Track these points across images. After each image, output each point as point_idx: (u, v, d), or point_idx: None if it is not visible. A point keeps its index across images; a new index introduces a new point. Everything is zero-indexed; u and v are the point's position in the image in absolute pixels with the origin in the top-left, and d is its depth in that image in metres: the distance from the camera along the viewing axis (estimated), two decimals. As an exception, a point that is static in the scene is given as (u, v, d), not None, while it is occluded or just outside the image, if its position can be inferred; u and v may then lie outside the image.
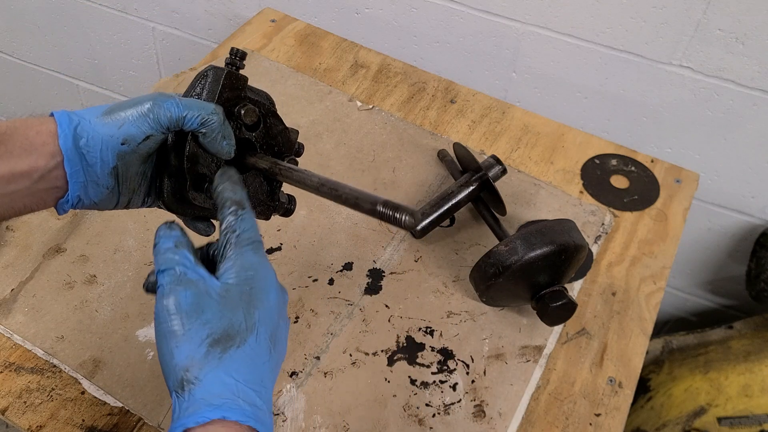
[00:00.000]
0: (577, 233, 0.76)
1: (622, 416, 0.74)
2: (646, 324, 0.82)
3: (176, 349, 0.44)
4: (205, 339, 0.44)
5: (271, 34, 1.17)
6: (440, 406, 0.73)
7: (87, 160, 0.50)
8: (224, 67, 0.56)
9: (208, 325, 0.44)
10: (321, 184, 0.53)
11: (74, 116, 0.50)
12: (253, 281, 0.47)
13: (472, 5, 1.11)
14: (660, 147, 1.13)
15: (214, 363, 0.43)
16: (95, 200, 0.52)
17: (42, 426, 0.69)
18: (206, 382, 0.43)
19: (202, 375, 0.43)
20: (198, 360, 0.43)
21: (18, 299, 0.78)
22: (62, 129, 0.49)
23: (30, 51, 1.68)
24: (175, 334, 0.44)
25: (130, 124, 0.50)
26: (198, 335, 0.44)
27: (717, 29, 0.97)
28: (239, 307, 0.45)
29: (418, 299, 0.82)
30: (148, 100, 0.51)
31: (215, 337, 0.44)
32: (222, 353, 0.44)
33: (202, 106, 0.52)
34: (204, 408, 0.42)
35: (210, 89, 0.55)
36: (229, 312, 0.45)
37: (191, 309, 0.44)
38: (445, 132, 1.02)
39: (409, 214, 0.47)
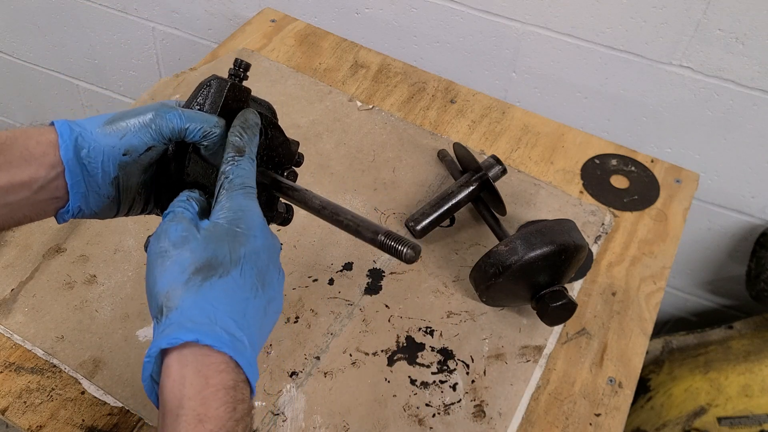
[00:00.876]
0: (577, 233, 0.77)
1: (622, 416, 0.74)
2: (646, 324, 0.82)
3: (159, 277, 0.44)
4: (187, 267, 0.44)
5: (271, 34, 1.17)
6: (440, 406, 0.73)
7: (88, 170, 0.50)
8: (227, 79, 0.56)
9: (192, 254, 0.45)
10: (322, 206, 0.54)
11: (75, 126, 0.50)
12: (240, 222, 0.47)
13: (472, 5, 1.11)
14: (660, 147, 1.13)
15: (194, 289, 0.43)
16: (96, 210, 0.53)
17: (42, 426, 0.69)
18: (183, 307, 0.43)
19: (180, 301, 0.43)
20: (178, 286, 0.43)
21: (18, 299, 0.78)
22: (63, 139, 0.49)
23: (30, 51, 1.68)
24: (162, 264, 0.45)
25: (132, 135, 0.50)
26: (181, 264, 0.44)
27: (717, 29, 0.97)
28: (224, 242, 0.46)
29: (418, 299, 0.82)
30: (150, 110, 0.51)
31: (197, 265, 0.44)
32: (203, 281, 0.44)
33: (205, 118, 0.52)
34: (178, 330, 0.41)
35: (213, 100, 0.54)
36: (213, 244, 0.46)
37: (178, 240, 0.46)
38: (445, 132, 1.02)
39: (410, 247, 0.47)
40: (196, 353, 0.41)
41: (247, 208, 0.48)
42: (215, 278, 0.44)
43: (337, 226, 0.53)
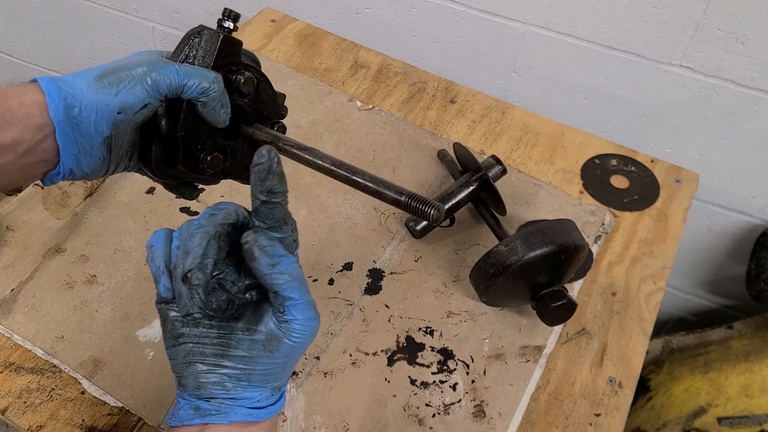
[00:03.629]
0: (577, 233, 0.77)
1: (622, 416, 0.74)
2: (646, 324, 0.82)
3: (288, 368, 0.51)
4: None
5: (271, 34, 1.17)
6: (440, 406, 0.73)
7: (80, 130, 0.47)
8: (218, 30, 0.53)
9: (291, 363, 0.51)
10: (336, 165, 0.51)
11: (63, 84, 0.46)
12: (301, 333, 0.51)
13: (472, 5, 1.11)
14: (660, 147, 1.13)
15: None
16: (87, 171, 0.50)
17: (42, 426, 0.69)
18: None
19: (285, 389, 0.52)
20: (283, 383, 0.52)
21: (18, 299, 0.78)
22: (51, 99, 0.46)
23: (30, 51, 1.68)
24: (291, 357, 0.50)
25: (127, 92, 0.47)
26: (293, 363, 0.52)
27: (717, 29, 0.97)
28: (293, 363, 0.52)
29: (418, 299, 0.82)
30: (143, 65, 0.48)
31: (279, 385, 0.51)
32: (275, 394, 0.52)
33: (203, 74, 0.50)
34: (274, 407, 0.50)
35: (205, 53, 0.52)
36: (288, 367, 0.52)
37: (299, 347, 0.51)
38: (445, 132, 1.02)
39: (435, 208, 0.47)
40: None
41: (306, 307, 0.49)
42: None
43: (354, 186, 0.50)
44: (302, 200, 0.91)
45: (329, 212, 0.89)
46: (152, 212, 0.88)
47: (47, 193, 0.89)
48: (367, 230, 0.88)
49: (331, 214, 0.89)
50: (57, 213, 0.87)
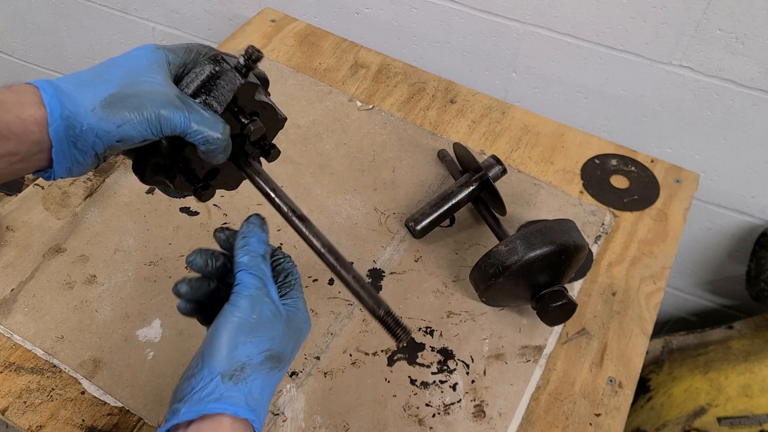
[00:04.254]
0: (577, 233, 0.76)
1: (622, 416, 0.74)
2: (646, 324, 0.82)
3: (242, 345, 0.49)
4: (265, 351, 0.50)
5: (271, 34, 1.17)
6: (440, 406, 0.73)
7: (77, 147, 0.47)
8: (238, 76, 0.53)
9: (272, 342, 0.50)
10: (326, 249, 0.54)
11: (66, 99, 0.46)
12: (303, 325, 0.54)
13: (472, 5, 1.11)
14: (660, 147, 1.13)
15: (263, 374, 0.50)
16: (76, 175, 0.51)
17: (42, 426, 0.69)
18: (252, 385, 0.49)
19: (252, 377, 0.49)
20: (254, 364, 0.49)
21: (18, 299, 0.78)
22: (53, 118, 0.46)
23: (30, 51, 1.68)
24: (248, 333, 0.49)
25: (130, 127, 0.48)
26: (262, 345, 0.50)
27: (717, 29, 0.97)
28: (292, 340, 0.52)
29: (418, 299, 0.82)
30: (154, 106, 0.48)
31: (272, 353, 0.50)
32: (270, 369, 0.50)
33: (211, 125, 0.50)
34: (242, 404, 0.48)
35: (219, 95, 0.52)
36: (287, 340, 0.52)
37: (267, 321, 0.50)
38: (445, 132, 1.02)
39: (405, 333, 0.51)
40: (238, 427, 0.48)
41: (306, 316, 0.55)
42: (277, 370, 0.51)
43: (337, 277, 0.53)
44: (302, 200, 0.91)
45: (329, 212, 0.89)
46: (152, 212, 0.88)
47: (47, 193, 0.89)
48: (367, 230, 0.88)
49: (331, 214, 0.89)
50: (57, 213, 0.87)
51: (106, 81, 0.48)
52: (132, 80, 0.49)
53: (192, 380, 0.48)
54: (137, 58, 0.51)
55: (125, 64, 0.50)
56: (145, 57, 0.51)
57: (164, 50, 0.52)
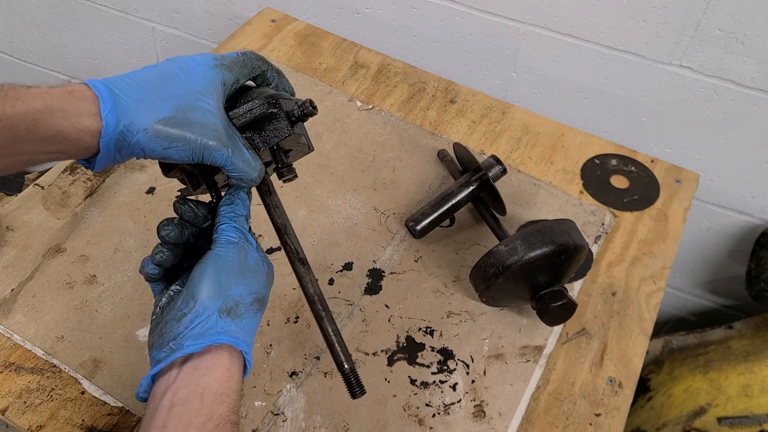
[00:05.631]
0: (577, 233, 0.77)
1: (622, 416, 0.74)
2: (646, 324, 0.82)
3: (235, 286, 0.52)
4: (253, 293, 0.54)
5: (271, 34, 1.17)
6: (440, 406, 0.73)
7: (121, 154, 0.50)
8: (287, 124, 0.55)
9: (259, 285, 0.54)
10: (317, 298, 0.57)
11: (122, 114, 0.48)
12: (270, 271, 0.57)
13: (472, 5, 1.11)
14: (660, 147, 1.13)
15: (252, 313, 0.54)
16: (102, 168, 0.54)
17: (42, 426, 0.69)
18: (244, 323, 0.53)
19: (245, 315, 0.53)
20: (246, 303, 0.53)
21: (18, 299, 0.78)
22: (107, 131, 0.48)
23: (30, 51, 1.68)
24: (238, 276, 0.53)
25: (175, 151, 0.50)
26: (251, 287, 0.53)
27: (717, 29, 0.97)
28: (269, 288, 0.57)
29: (418, 299, 0.82)
30: (203, 138, 0.50)
31: (257, 297, 0.54)
32: (257, 311, 0.54)
33: (249, 165, 0.54)
34: (240, 339, 0.52)
35: (265, 138, 0.55)
36: (267, 286, 0.56)
37: (254, 268, 0.54)
38: (445, 132, 1.02)
39: (361, 392, 0.56)
40: (239, 355, 0.53)
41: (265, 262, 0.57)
42: (260, 313, 0.55)
43: (319, 326, 0.57)
44: (302, 200, 0.91)
45: (329, 212, 0.89)
46: (152, 212, 0.88)
47: (47, 193, 0.89)
48: (367, 230, 0.88)
49: (331, 214, 0.89)
50: (57, 213, 0.87)
51: (164, 99, 0.50)
52: (188, 104, 0.51)
53: (184, 319, 0.50)
54: (196, 75, 0.52)
55: (185, 82, 0.51)
56: (203, 77, 0.52)
57: (221, 68, 0.54)
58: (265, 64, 0.58)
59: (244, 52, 0.57)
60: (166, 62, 0.53)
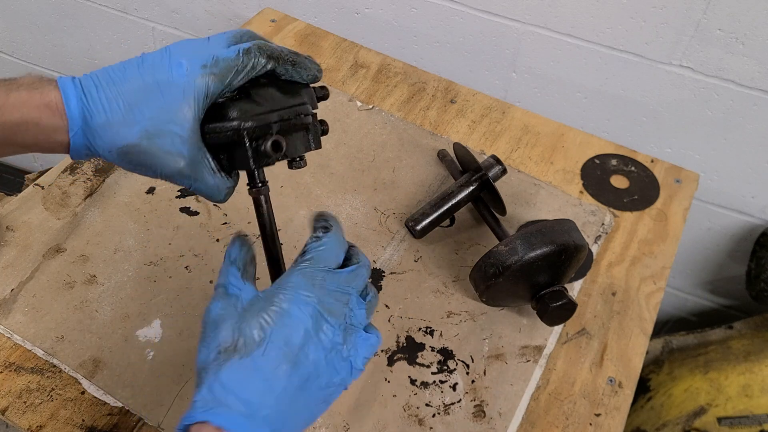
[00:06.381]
0: (577, 233, 0.77)
1: (622, 416, 0.74)
2: (646, 324, 0.82)
3: (199, 353, 0.47)
4: (216, 347, 0.46)
5: (271, 34, 1.17)
6: (440, 406, 0.73)
7: (94, 157, 0.50)
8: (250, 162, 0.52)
9: (222, 334, 0.46)
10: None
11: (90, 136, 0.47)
12: (282, 299, 0.47)
13: (472, 5, 1.11)
14: (660, 147, 1.13)
15: (216, 368, 0.45)
16: None
17: (42, 426, 0.69)
18: (206, 386, 0.44)
19: (206, 378, 0.45)
20: (207, 364, 0.45)
21: (18, 299, 0.78)
22: (75, 148, 0.48)
23: (30, 51, 1.68)
24: (202, 339, 0.47)
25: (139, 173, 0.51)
26: (213, 343, 0.46)
27: (717, 29, 0.97)
28: (255, 321, 0.46)
29: (418, 299, 0.82)
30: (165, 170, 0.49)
31: (224, 346, 0.45)
32: (224, 362, 0.45)
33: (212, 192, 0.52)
34: (198, 410, 0.43)
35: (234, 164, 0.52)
36: (245, 324, 0.46)
37: (216, 319, 0.47)
38: (445, 132, 1.02)
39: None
40: (210, 430, 0.42)
41: (296, 285, 0.47)
42: (236, 359, 0.45)
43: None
44: (302, 200, 0.91)
45: (329, 212, 0.89)
46: (152, 212, 0.88)
47: (47, 193, 0.89)
48: (367, 230, 0.88)
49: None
50: (57, 213, 0.87)
51: (132, 123, 0.47)
52: (156, 128, 0.48)
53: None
54: (176, 91, 0.47)
55: (161, 100, 0.47)
56: (184, 92, 0.47)
57: (209, 77, 0.48)
58: (273, 62, 0.51)
59: (247, 51, 0.49)
60: (151, 65, 0.48)
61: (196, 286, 0.81)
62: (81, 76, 0.49)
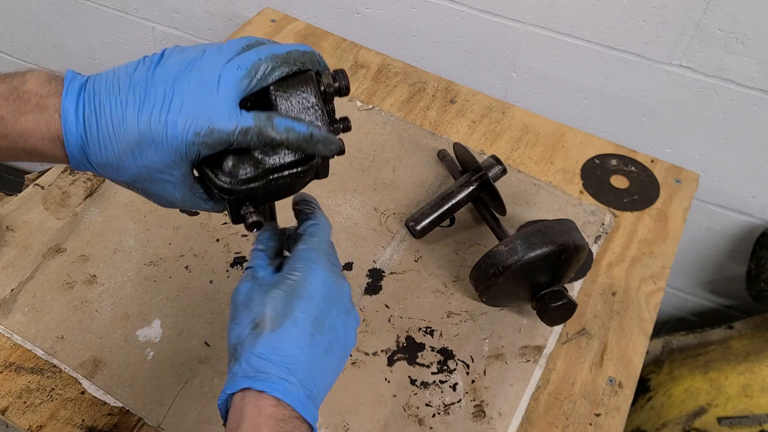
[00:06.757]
0: (577, 233, 0.76)
1: (622, 416, 0.74)
2: (646, 324, 0.82)
3: (231, 331, 0.50)
4: (249, 323, 0.50)
5: (271, 34, 1.17)
6: (440, 406, 0.73)
7: None
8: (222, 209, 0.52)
9: (251, 312, 0.50)
10: None
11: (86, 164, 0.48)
12: (302, 272, 0.51)
13: (472, 5, 1.11)
14: (660, 147, 1.13)
15: (251, 342, 0.49)
16: None
17: (42, 426, 0.69)
18: (244, 359, 0.48)
19: (243, 352, 0.49)
20: (242, 340, 0.49)
21: (18, 299, 0.78)
22: (71, 152, 0.48)
23: (30, 51, 1.68)
24: (234, 318, 0.51)
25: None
26: (246, 320, 0.50)
27: (717, 29, 0.97)
28: (281, 297, 0.50)
29: (418, 299, 0.82)
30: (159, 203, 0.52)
31: (256, 321, 0.49)
32: (258, 335, 0.49)
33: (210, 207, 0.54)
34: (240, 379, 0.47)
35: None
36: (272, 301, 0.50)
37: (244, 299, 0.51)
38: (445, 132, 1.02)
39: None
40: (253, 394, 0.47)
41: (311, 259, 0.52)
42: (268, 332, 0.49)
43: None
44: (302, 200, 0.91)
45: (329, 212, 0.89)
46: (152, 212, 0.88)
47: (47, 193, 0.89)
48: (367, 230, 0.88)
49: (331, 214, 0.89)
50: (57, 213, 0.87)
51: (126, 167, 0.48)
52: (149, 175, 0.48)
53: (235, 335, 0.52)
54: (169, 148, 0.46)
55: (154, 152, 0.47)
56: (176, 151, 0.47)
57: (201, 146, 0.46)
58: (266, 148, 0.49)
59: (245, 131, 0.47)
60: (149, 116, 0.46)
61: (196, 286, 0.81)
62: (86, 90, 0.47)
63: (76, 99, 0.47)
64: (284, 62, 0.49)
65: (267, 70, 0.48)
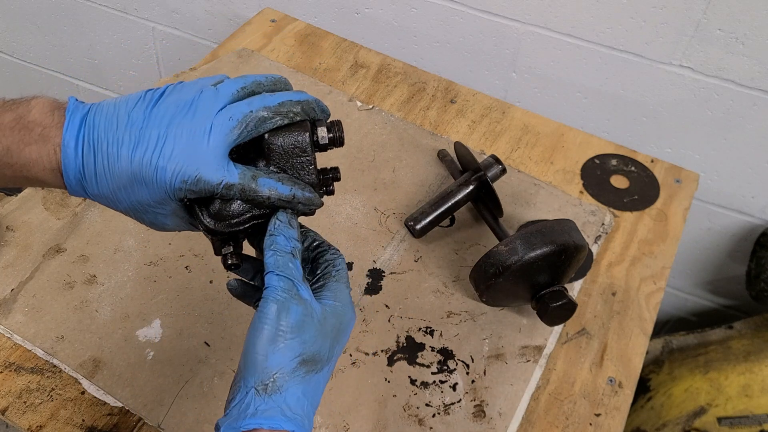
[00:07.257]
0: (577, 233, 0.76)
1: (622, 416, 0.74)
2: (646, 324, 0.82)
3: (272, 355, 0.47)
4: (297, 357, 0.47)
5: (271, 34, 1.17)
6: (440, 406, 0.73)
7: None
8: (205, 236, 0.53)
9: (305, 345, 0.48)
10: None
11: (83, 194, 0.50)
12: (343, 318, 0.51)
13: (472, 5, 1.11)
14: (660, 147, 1.13)
15: (298, 380, 0.47)
16: None
17: (42, 426, 0.69)
18: (287, 394, 0.47)
19: (285, 386, 0.47)
20: (286, 372, 0.47)
21: (18, 299, 0.78)
22: (69, 183, 0.49)
23: (30, 51, 1.68)
24: (277, 341, 0.47)
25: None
26: (293, 350, 0.47)
27: (717, 29, 0.97)
28: (328, 338, 0.50)
29: (418, 299, 0.82)
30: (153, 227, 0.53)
31: (305, 357, 0.48)
32: (306, 374, 0.48)
33: None
34: (278, 416, 0.46)
35: None
36: (321, 339, 0.49)
37: (296, 325, 0.48)
38: (445, 132, 1.02)
39: None
40: None
41: (349, 305, 0.52)
42: (314, 373, 0.49)
43: None
44: (302, 200, 0.91)
45: (329, 212, 0.89)
46: (152, 212, 0.88)
47: (47, 193, 0.89)
48: (367, 230, 0.88)
49: (331, 214, 0.89)
50: (57, 213, 0.87)
51: (120, 201, 0.50)
52: (143, 208, 0.51)
53: (234, 394, 0.48)
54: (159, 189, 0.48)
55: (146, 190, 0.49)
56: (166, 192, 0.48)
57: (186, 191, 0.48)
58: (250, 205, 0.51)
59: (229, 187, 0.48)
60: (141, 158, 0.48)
61: (196, 286, 0.81)
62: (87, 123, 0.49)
63: (76, 133, 0.48)
64: (276, 114, 0.49)
65: (258, 122, 0.49)
